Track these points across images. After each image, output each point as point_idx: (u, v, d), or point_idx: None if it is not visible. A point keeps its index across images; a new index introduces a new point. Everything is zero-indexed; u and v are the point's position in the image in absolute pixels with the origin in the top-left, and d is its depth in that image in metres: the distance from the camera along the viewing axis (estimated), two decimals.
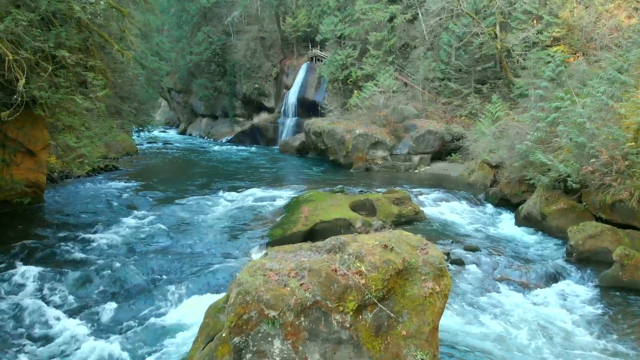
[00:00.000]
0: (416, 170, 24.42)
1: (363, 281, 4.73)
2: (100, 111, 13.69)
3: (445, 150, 25.62)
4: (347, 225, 12.21)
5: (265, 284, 4.56)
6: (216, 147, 40.11)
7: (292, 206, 14.68)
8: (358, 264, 4.86)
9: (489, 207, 16.40)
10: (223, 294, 7.08)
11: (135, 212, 14.29)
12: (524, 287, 9.80)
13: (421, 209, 14.56)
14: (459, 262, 10.64)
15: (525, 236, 13.11)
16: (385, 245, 5.21)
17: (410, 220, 13.62)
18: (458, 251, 11.37)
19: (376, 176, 23.01)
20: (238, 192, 17.94)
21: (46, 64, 10.77)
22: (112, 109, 30.42)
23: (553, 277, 10.28)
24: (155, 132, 55.49)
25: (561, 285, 9.97)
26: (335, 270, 4.76)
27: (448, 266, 10.40)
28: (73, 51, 11.63)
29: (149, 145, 40.01)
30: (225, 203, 16.04)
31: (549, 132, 13.66)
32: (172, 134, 58.19)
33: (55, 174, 19.55)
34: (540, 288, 9.80)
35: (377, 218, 13.02)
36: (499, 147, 16.24)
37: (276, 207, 15.48)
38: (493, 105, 20.74)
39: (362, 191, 17.68)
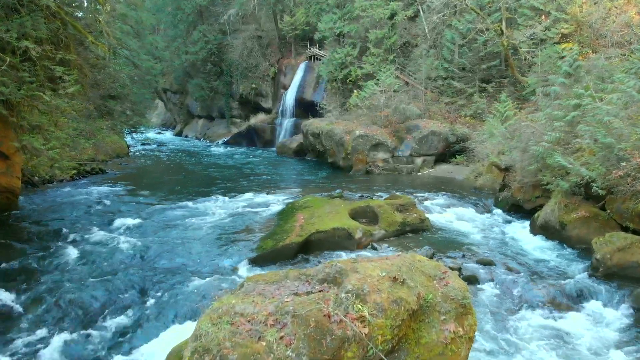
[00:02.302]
0: (419, 173, 23.19)
1: (366, 330, 3.52)
2: (76, 110, 12.47)
3: (449, 152, 24.42)
4: (346, 236, 11.00)
5: (233, 337, 3.34)
6: (211, 149, 38.92)
7: (287, 213, 13.46)
8: (359, 306, 3.65)
9: (500, 214, 15.20)
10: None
11: (115, 220, 13.07)
12: (549, 310, 8.57)
13: (427, 216, 13.33)
14: (473, 280, 9.41)
15: (542, 247, 11.88)
16: (394, 277, 3.99)
17: (415, 229, 12.40)
18: (470, 265, 10.15)
19: (377, 179, 21.79)
20: (230, 197, 16.74)
21: (10, 57, 9.58)
22: (102, 109, 29.28)
23: (580, 297, 9.05)
24: (151, 134, 54.46)
25: (590, 306, 8.75)
26: (329, 316, 3.55)
27: None
28: (43, 42, 10.45)
29: (143, 147, 38.83)
30: (214, 209, 14.82)
31: (568, 132, 12.46)
32: (167, 135, 57.04)
33: (36, 177, 18.35)
34: (567, 311, 8.58)
35: (379, 227, 11.80)
36: (511, 149, 15.02)
37: (270, 214, 14.27)
38: (502, 104, 19.54)
39: (362, 196, 16.47)
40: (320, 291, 4.18)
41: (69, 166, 11.88)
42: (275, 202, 15.90)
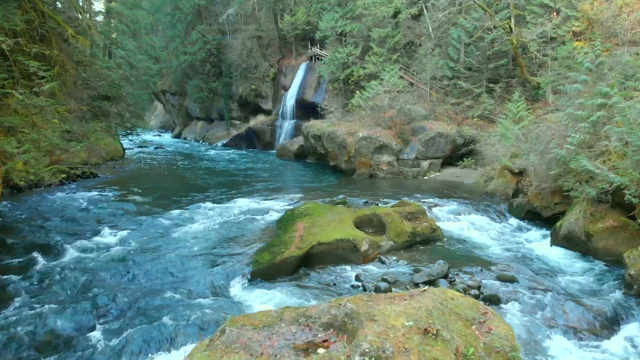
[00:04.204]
0: (425, 177, 22.12)
1: None
2: (60, 110, 11.47)
3: (456, 155, 23.38)
4: (351, 248, 9.96)
5: None
6: (210, 152, 37.92)
7: (286, 221, 12.43)
8: None
9: (515, 222, 14.14)
10: None
11: (100, 230, 12.04)
12: (582, 336, 7.52)
13: (437, 224, 12.30)
14: (494, 300, 8.35)
15: (566, 260, 10.84)
16: (425, 329, 2.96)
17: (426, 240, 11.36)
18: (490, 283, 9.10)
19: (381, 184, 20.74)
20: (225, 203, 15.72)
21: None
22: (96, 110, 28.28)
23: (616, 320, 8.01)
24: (149, 136, 53.52)
25: (629, 330, 7.71)
26: None
27: None
28: (19, 35, 9.46)
29: (140, 149, 37.80)
30: (209, 217, 13.79)
31: (591, 134, 11.43)
32: (166, 137, 56.11)
33: (22, 182, 17.34)
34: (603, 336, 7.53)
35: (387, 237, 10.77)
36: (529, 152, 13.98)
37: (267, 222, 13.25)
38: (514, 104, 18.48)
39: (367, 202, 15.43)
40: (324, 342, 3.15)
41: (48, 171, 10.83)
42: (274, 208, 14.87)
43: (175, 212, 14.32)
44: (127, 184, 19.55)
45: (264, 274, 9.09)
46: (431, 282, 8.73)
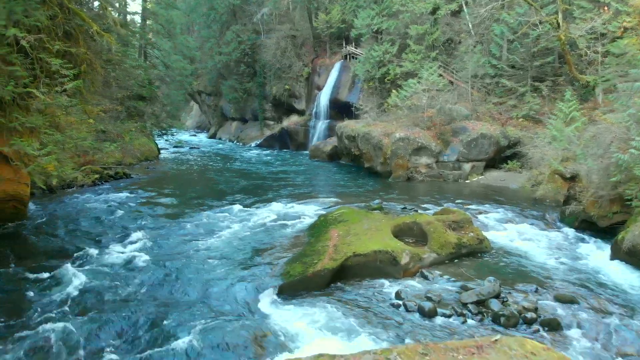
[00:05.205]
0: (467, 181, 20.94)
1: None
2: (88, 110, 11.11)
3: (499, 157, 22.09)
4: (389, 261, 9.12)
5: None
6: (243, 152, 37.69)
7: (319, 228, 11.69)
8: None
9: (568, 232, 12.94)
10: None
11: (128, 235, 11.63)
12: None
13: (484, 233, 11.28)
14: (554, 325, 7.34)
15: (630, 277, 9.65)
16: None
17: (472, 252, 10.39)
18: (548, 304, 8.08)
19: (420, 187, 19.73)
20: (256, 207, 15.14)
21: None
22: (132, 110, 28.39)
23: None
24: (185, 136, 53.98)
25: None
26: None
27: (539, 330, 7.20)
28: (42, 32, 9.08)
29: (175, 149, 37.94)
30: (238, 222, 13.23)
31: None
32: (201, 137, 56.50)
33: (54, 183, 17.31)
34: None
35: (429, 249, 9.87)
36: (586, 156, 12.76)
37: (299, 228, 12.55)
38: (566, 104, 17.13)
39: (405, 208, 14.52)
40: None
41: (81, 171, 10.51)
42: (306, 213, 14.18)
43: (204, 216, 13.83)
44: (159, 186, 19.29)
45: (295, 287, 8.38)
46: (481, 303, 7.82)
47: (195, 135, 59.41)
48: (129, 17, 31.49)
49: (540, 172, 17.57)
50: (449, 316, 7.51)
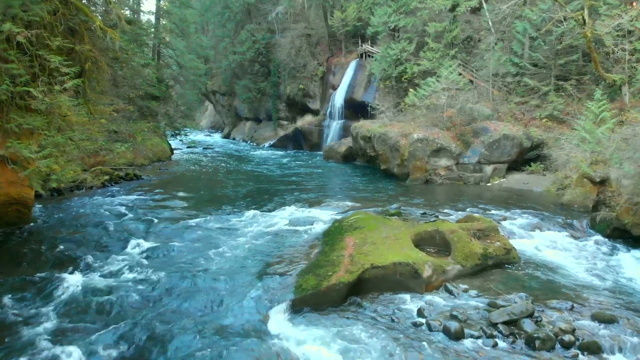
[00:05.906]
0: (488, 184, 20.07)
1: None
2: (93, 111, 10.61)
3: (522, 159, 21.18)
4: (410, 273, 8.42)
5: None
6: (256, 153, 37.21)
7: (333, 235, 11.03)
8: None
9: (599, 240, 12.06)
10: None
11: (133, 241, 11.10)
12: None
13: (511, 242, 10.51)
14: (594, 349, 6.59)
15: None
16: None
17: (499, 263, 9.64)
18: (585, 324, 7.32)
19: (439, 191, 18.94)
20: (267, 211, 14.56)
21: None
22: (143, 110, 28.02)
23: None
24: (199, 136, 53.80)
25: None
26: None
27: (577, 355, 6.45)
28: (44, 27, 8.59)
29: (188, 150, 37.63)
30: (249, 227, 12.65)
31: None
32: (215, 137, 56.31)
33: (62, 185, 16.95)
34: None
35: (453, 260, 9.15)
36: (621, 160, 11.90)
37: (312, 235, 11.91)
38: (596, 103, 16.20)
39: (425, 214, 13.78)
40: None
41: (77, 175, 10.00)
42: (320, 218, 13.53)
43: (215, 221, 13.29)
44: (169, 188, 18.82)
45: (308, 302, 7.74)
46: (512, 323, 7.09)
47: (209, 135, 59.25)
48: (143, 17, 31.20)
49: (567, 176, 16.69)
50: (478, 337, 6.80)
